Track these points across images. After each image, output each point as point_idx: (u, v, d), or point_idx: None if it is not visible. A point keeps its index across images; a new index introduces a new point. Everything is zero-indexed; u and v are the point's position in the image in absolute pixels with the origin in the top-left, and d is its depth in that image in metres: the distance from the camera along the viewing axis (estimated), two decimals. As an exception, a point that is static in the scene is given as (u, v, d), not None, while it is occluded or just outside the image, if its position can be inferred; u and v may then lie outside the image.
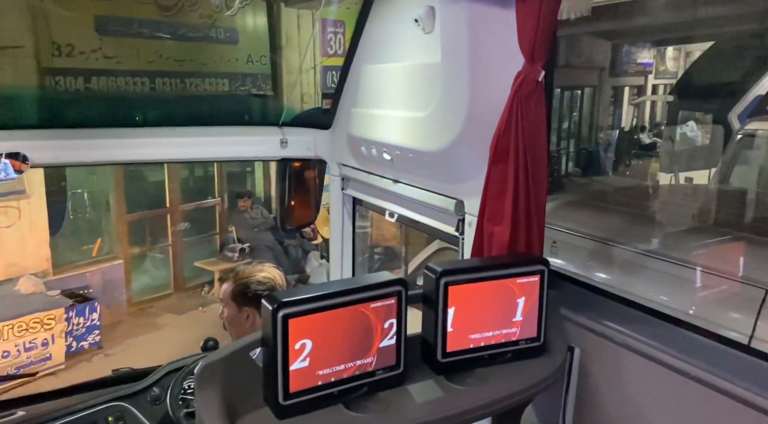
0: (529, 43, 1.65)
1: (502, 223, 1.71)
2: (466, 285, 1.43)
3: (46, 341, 6.55)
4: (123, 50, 6.64)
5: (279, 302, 1.22)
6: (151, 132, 2.89)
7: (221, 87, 7.89)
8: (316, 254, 9.27)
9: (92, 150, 2.78)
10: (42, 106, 4.27)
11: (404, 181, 2.40)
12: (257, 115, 4.76)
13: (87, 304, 7.09)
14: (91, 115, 3.41)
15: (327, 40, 8.23)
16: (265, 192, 10.50)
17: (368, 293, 1.32)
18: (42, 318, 6.51)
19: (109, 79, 6.63)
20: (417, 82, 2.17)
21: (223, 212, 9.67)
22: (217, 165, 9.27)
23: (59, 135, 2.68)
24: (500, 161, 1.73)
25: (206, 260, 9.07)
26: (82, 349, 7.06)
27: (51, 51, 6.11)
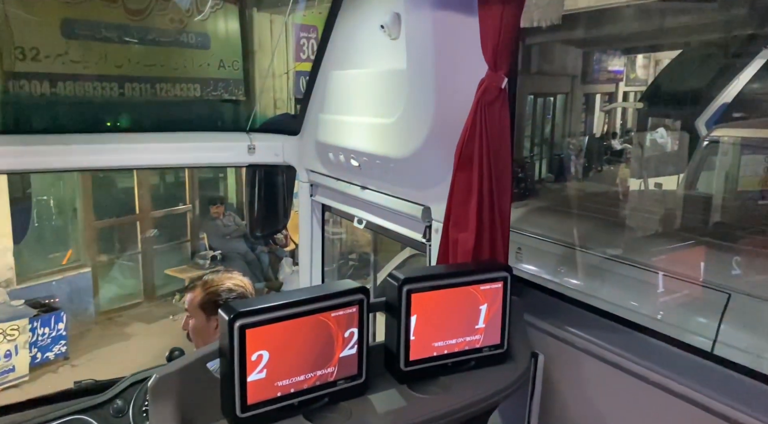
0: (491, 51, 1.65)
1: (467, 229, 1.71)
2: (428, 292, 1.42)
3: (9, 353, 6.37)
4: (90, 54, 6.52)
5: (236, 312, 1.20)
6: (118, 138, 2.83)
7: (193, 92, 7.80)
8: (288, 260, 9.19)
9: (57, 156, 2.71)
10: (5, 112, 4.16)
11: (372, 187, 2.39)
12: (227, 120, 4.71)
13: (53, 314, 6.91)
14: (57, 121, 3.33)
15: (299, 45, 8.20)
16: (237, 199, 10.40)
17: (329, 301, 1.30)
18: (5, 329, 6.33)
19: (76, 83, 6.50)
20: (383, 89, 2.16)
21: (195, 219, 9.54)
22: (188, 171, 9.15)
23: (23, 141, 2.60)
24: (465, 168, 1.73)
25: (177, 268, 8.93)
26: (47, 360, 6.87)
27: (15, 55, 5.97)
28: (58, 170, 6.11)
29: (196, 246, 9.30)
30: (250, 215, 3.56)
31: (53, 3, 6.19)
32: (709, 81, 7.11)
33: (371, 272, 5.09)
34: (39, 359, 6.75)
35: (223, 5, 7.72)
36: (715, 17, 8.33)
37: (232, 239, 9.08)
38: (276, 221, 3.65)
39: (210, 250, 8.95)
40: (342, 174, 2.60)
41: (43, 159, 2.69)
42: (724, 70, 6.89)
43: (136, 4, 6.97)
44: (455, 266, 1.64)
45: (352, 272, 8.04)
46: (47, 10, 6.15)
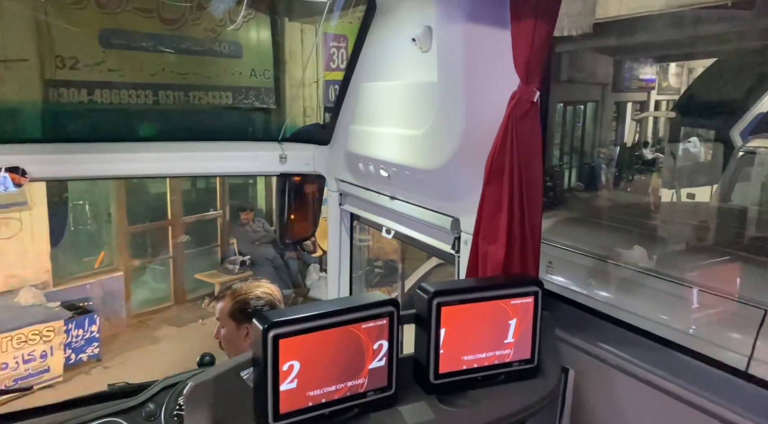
0: (524, 64, 1.66)
1: (497, 242, 1.71)
2: (458, 306, 1.43)
3: (44, 354, 6.54)
4: (126, 63, 6.69)
5: (270, 322, 1.22)
6: (152, 147, 2.91)
7: (225, 100, 7.93)
8: (316, 267, 9.25)
9: (93, 164, 2.79)
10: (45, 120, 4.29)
11: (401, 197, 2.40)
12: (259, 129, 4.78)
13: (86, 316, 7.08)
14: (93, 129, 3.43)
15: (330, 54, 8.29)
16: (266, 205, 10.52)
17: (360, 313, 1.31)
18: (41, 330, 6.50)
19: (113, 91, 6.67)
20: (414, 101, 2.17)
21: (225, 225, 9.68)
22: (219, 178, 9.29)
23: (61, 149, 2.69)
24: (495, 180, 1.73)
25: (207, 273, 9.06)
26: (80, 361, 7.03)
27: (55, 63, 6.15)
28: (92, 178, 6.29)
29: (225, 251, 9.43)
30: (280, 222, 3.61)
31: (92, 13, 6.37)
32: (745, 90, 6.95)
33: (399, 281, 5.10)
34: (73, 360, 6.91)
35: (255, 15, 7.85)
36: (752, 25, 8.16)
37: (260, 245, 9.18)
38: (305, 229, 3.70)
39: (239, 255, 9.07)
40: (371, 184, 2.62)
41: (78, 167, 2.77)
42: (761, 80, 6.74)
43: (170, 13, 7.14)
44: (485, 280, 1.64)
45: (378, 280, 8.06)
46: (86, 20, 6.34)
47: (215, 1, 6.23)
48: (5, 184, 2.63)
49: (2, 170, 2.63)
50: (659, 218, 6.46)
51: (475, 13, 1.77)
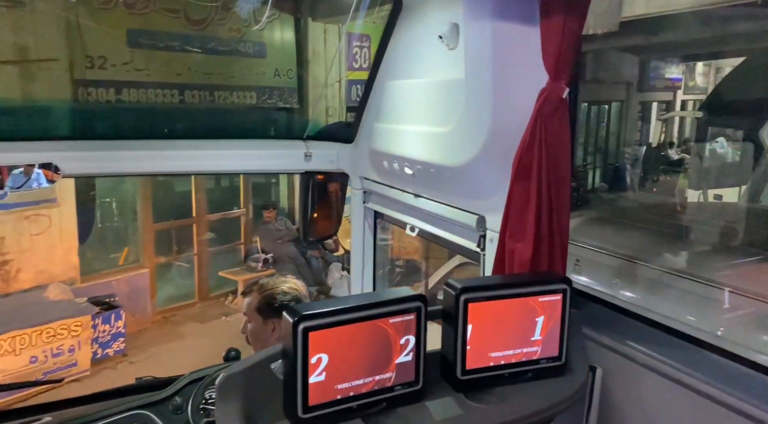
0: (553, 61, 1.65)
1: (525, 239, 1.71)
2: (485, 302, 1.43)
3: (72, 348, 6.67)
4: (153, 63, 6.80)
5: (300, 315, 1.23)
6: (179, 144, 2.95)
7: (249, 100, 8.01)
8: (337, 265, 9.30)
9: (122, 161, 2.84)
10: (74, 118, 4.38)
11: (426, 195, 2.40)
12: (282, 128, 4.82)
13: (113, 311, 7.21)
14: (121, 127, 3.49)
15: (353, 54, 8.32)
16: (289, 204, 10.60)
17: (388, 308, 1.32)
18: (69, 325, 6.64)
19: (140, 91, 6.79)
20: (440, 98, 2.18)
21: (248, 223, 9.77)
22: (242, 176, 9.39)
23: (90, 146, 2.75)
24: (523, 178, 1.72)
25: (230, 270, 9.17)
26: (107, 356, 7.17)
27: (84, 63, 6.28)
28: (121, 175, 6.40)
29: (248, 249, 9.52)
30: (304, 219, 3.64)
31: (120, 14, 6.48)
32: (775, 90, 6.82)
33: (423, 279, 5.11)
34: (99, 355, 7.05)
35: (279, 15, 7.91)
36: (783, 23, 7.99)
37: (283, 243, 9.26)
38: (328, 227, 3.72)
39: (262, 253, 9.16)
40: (395, 182, 2.63)
41: (108, 164, 2.83)
42: (793, 79, 6.60)
43: (197, 14, 7.23)
44: (513, 277, 1.64)
45: (400, 279, 8.06)
46: (115, 20, 6.46)
47: (241, 2, 6.29)
48: (39, 181, 2.69)
49: (36, 167, 2.69)
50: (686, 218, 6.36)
51: (502, 9, 1.76)
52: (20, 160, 2.63)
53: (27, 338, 6.32)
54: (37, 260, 7.08)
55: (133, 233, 8.42)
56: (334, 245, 9.49)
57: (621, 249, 2.66)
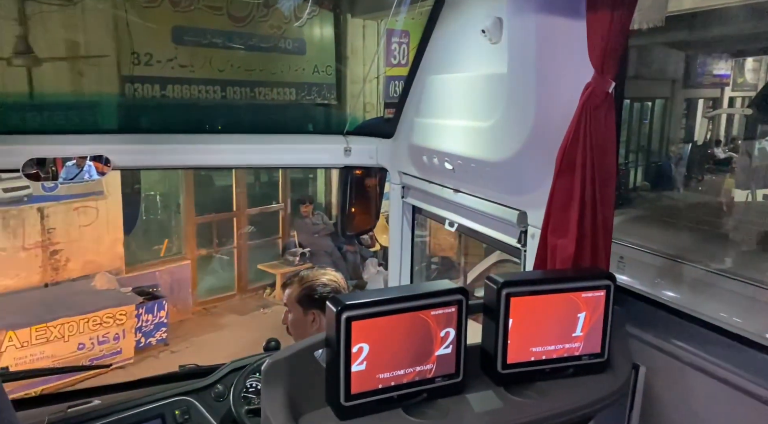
0: (599, 54, 1.63)
1: (567, 236, 1.69)
2: (528, 297, 1.42)
3: (117, 336, 6.90)
4: (196, 59, 6.95)
5: (343, 305, 1.26)
6: (222, 138, 3.02)
7: (288, 96, 8.12)
8: (373, 261, 9.34)
9: (168, 155, 2.92)
10: (122, 112, 4.53)
11: (465, 190, 2.40)
12: (321, 123, 4.88)
13: (156, 302, 7.42)
14: (166, 122, 3.58)
15: (391, 50, 8.32)
16: (326, 199, 10.69)
17: (429, 300, 1.33)
18: (115, 314, 6.87)
19: (183, 87, 6.95)
20: (481, 93, 2.17)
21: (286, 217, 9.91)
22: (281, 171, 9.52)
23: (138, 140, 2.83)
24: (566, 173, 1.71)
25: (268, 263, 9.32)
26: (149, 345, 7.38)
27: (132, 60, 6.46)
28: (168, 168, 6.57)
29: (286, 243, 9.66)
30: (342, 214, 3.67)
31: (166, 11, 6.65)
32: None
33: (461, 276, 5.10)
34: (142, 343, 7.27)
35: (319, 12, 7.97)
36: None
37: (320, 237, 9.35)
38: (366, 221, 3.74)
39: (299, 247, 9.27)
40: (435, 177, 2.63)
41: (153, 157, 2.91)
42: None
43: (239, 11, 7.35)
44: (556, 272, 1.63)
45: (436, 275, 8.05)
46: (161, 18, 6.62)
47: (282, -1, 6.38)
48: (90, 173, 2.79)
49: (87, 159, 2.79)
50: (733, 218, 6.18)
51: (547, 3, 1.75)
52: (72, 152, 2.73)
53: (75, 325, 6.56)
54: (84, 250, 7.34)
55: (176, 226, 8.64)
56: (370, 241, 9.53)
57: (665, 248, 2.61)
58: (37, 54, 5.24)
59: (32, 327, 6.25)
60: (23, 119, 3.19)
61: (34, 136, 2.63)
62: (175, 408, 2.63)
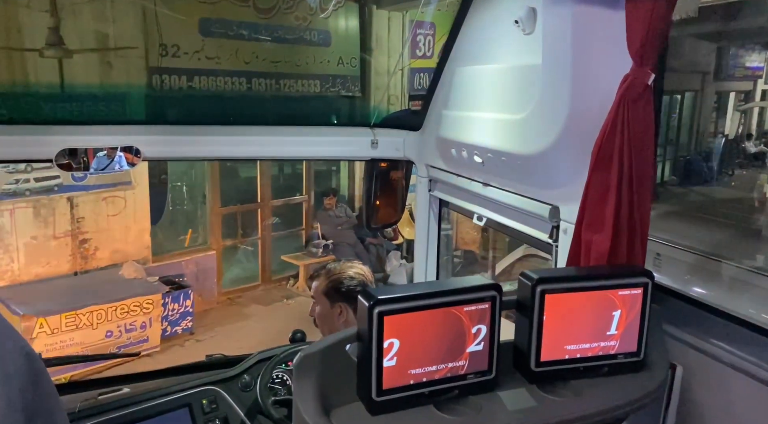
0: (638, 45, 1.58)
1: (602, 231, 1.65)
2: (563, 294, 1.39)
3: (144, 324, 7.01)
4: (223, 51, 6.98)
5: (375, 299, 1.24)
6: (249, 130, 3.03)
7: (313, 88, 8.12)
8: (396, 254, 9.34)
9: (196, 146, 2.94)
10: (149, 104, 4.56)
11: (495, 184, 2.36)
12: (348, 115, 4.86)
13: (182, 291, 7.52)
14: (193, 113, 3.60)
15: (416, 41, 8.25)
16: (349, 191, 10.70)
17: (462, 296, 1.31)
18: (142, 302, 6.98)
19: (209, 78, 6.99)
20: (514, 84, 2.13)
21: (310, 209, 9.94)
22: (305, 163, 9.54)
23: (165, 131, 2.85)
24: (602, 167, 1.66)
25: (292, 255, 9.38)
26: (175, 333, 7.50)
27: (159, 51, 6.50)
28: (197, 159, 6.61)
29: (309, 234, 9.70)
30: (367, 206, 3.66)
31: (194, 3, 6.67)
32: None
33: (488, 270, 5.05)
34: (168, 332, 7.38)
35: (345, 3, 7.94)
36: None
37: (343, 230, 9.37)
38: (391, 214, 3.72)
39: (322, 239, 9.31)
40: (463, 170, 2.60)
41: (181, 149, 2.94)
42: None
43: (265, 3, 7.34)
44: (592, 269, 1.59)
45: (460, 269, 8.02)
46: (189, 9, 6.64)
47: (309, -11, 6.37)
48: (120, 163, 2.82)
49: (118, 150, 2.82)
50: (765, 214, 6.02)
51: None
52: (102, 143, 2.76)
53: (103, 313, 6.68)
54: (112, 239, 7.46)
55: (202, 216, 8.73)
56: (393, 234, 9.53)
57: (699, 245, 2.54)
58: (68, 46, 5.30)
59: (62, 314, 6.38)
60: (54, 110, 3.23)
61: (65, 127, 2.66)
62: (202, 397, 2.66)
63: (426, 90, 3.19)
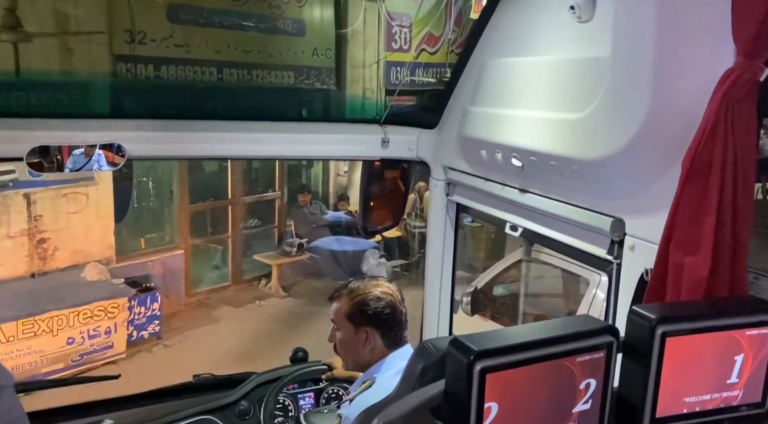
0: (747, 33, 1.34)
1: (698, 253, 1.41)
2: (686, 336, 1.14)
3: (109, 330, 6.55)
4: (192, 39, 6.55)
5: (475, 352, 0.97)
6: (243, 126, 2.71)
7: (286, 80, 7.75)
8: (374, 252, 9.04)
9: (176, 143, 2.64)
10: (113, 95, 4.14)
11: (537, 191, 2.11)
12: (321, 109, 4.56)
13: (148, 294, 7.08)
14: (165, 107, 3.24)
15: (392, 34, 7.95)
16: (323, 188, 10.35)
17: (577, 343, 1.05)
18: (106, 306, 6.51)
19: (179, 68, 6.55)
20: (569, 79, 1.87)
21: (283, 206, 9.56)
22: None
23: (149, 126, 2.52)
24: (699, 177, 1.42)
25: (265, 254, 8.98)
26: (142, 338, 7.04)
27: (124, 38, 6.04)
28: (176, 158, 6.16)
29: (283, 233, 9.33)
30: (364, 209, 3.39)
31: (162, -13, 6.23)
32: None
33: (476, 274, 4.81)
34: (134, 337, 6.92)
35: (320, -9, 7.59)
36: None
37: (318, 228, 9.04)
38: (389, 218, 3.46)
39: (296, 237, 8.95)
40: (494, 174, 2.34)
41: (166, 146, 2.61)
42: None
43: (237, -12, 6.93)
44: (713, 304, 1.34)
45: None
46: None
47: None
48: (100, 163, 2.46)
49: (97, 147, 2.46)
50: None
51: None
52: (61, 139, 2.40)
53: (64, 318, 6.20)
54: (73, 238, 6.95)
55: (169, 214, 8.26)
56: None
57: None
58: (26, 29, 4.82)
59: (19, 321, 5.87)
60: (8, 100, 2.85)
61: (13, 120, 2.29)
62: None
63: (408, 84, 3.09)
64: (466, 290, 4.77)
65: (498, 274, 5.00)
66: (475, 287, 4.80)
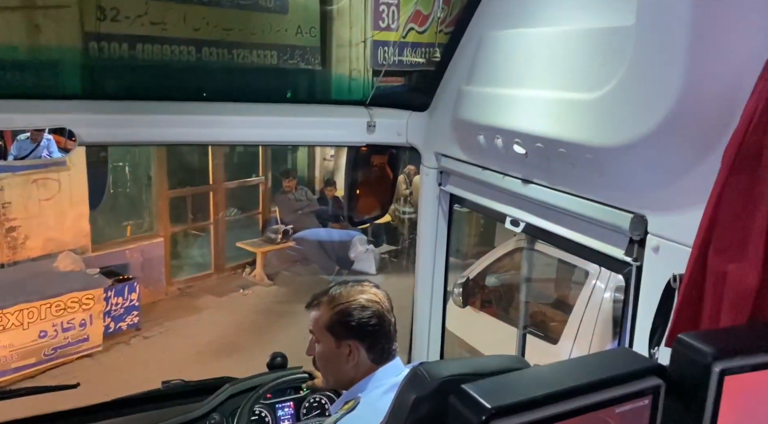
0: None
1: (745, 258, 1.18)
2: (747, 374, 0.91)
3: (84, 322, 6.27)
4: (169, 16, 6.22)
5: (489, 411, 0.73)
6: (217, 108, 2.44)
7: (269, 60, 7.43)
8: (362, 238, 8.81)
9: (150, 127, 2.35)
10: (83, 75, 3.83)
11: (542, 182, 1.87)
12: (306, 89, 4.31)
13: (126, 283, 6.81)
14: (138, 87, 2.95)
15: (379, 12, 7.64)
16: (309, 172, 10.08)
17: (615, 390, 0.81)
18: (80, 298, 6.23)
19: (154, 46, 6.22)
20: (583, 53, 1.63)
21: (267, 191, 9.28)
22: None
23: (109, 108, 2.24)
24: (745, 169, 1.19)
25: (248, 241, 8.71)
26: (120, 330, 6.78)
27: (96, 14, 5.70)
28: (150, 144, 5.83)
29: (267, 219, 9.06)
30: (350, 198, 3.14)
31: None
32: None
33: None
34: (112, 329, 6.66)
35: (304, -35, 7.25)
36: None
37: (303, 214, 8.78)
38: (377, 207, 3.22)
39: (281, 224, 8.69)
40: (493, 162, 2.09)
41: (127, 131, 2.33)
42: None
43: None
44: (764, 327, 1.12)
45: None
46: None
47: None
48: (49, 149, 2.19)
49: (46, 132, 2.18)
50: None
51: None
52: (27, 122, 2.13)
53: (36, 311, 5.91)
54: (45, 226, 6.63)
55: (147, 200, 7.94)
56: (357, 217, 8.99)
57: None
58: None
59: (-14, 314, 5.59)
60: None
61: None
62: None
63: (396, 64, 2.82)
64: (457, 280, 4.55)
65: (490, 264, 4.78)
66: (466, 277, 4.59)
